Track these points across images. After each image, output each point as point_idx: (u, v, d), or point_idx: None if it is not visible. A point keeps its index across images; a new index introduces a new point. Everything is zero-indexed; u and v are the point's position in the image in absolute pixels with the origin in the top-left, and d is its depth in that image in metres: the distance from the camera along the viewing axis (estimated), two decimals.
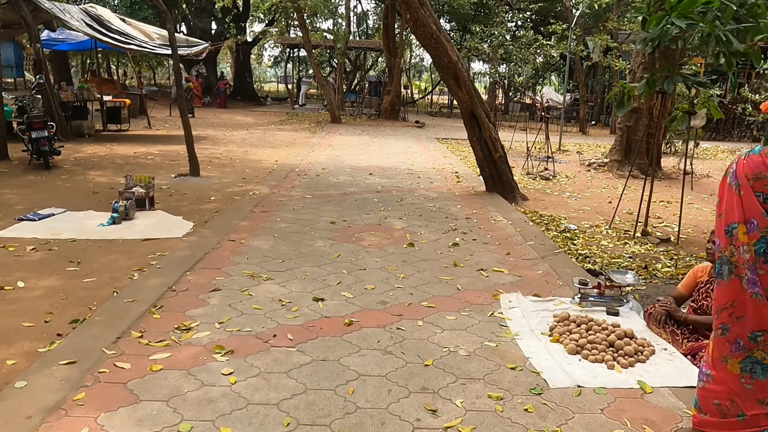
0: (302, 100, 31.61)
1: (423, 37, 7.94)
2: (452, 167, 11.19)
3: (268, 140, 14.96)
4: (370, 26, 43.59)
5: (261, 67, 62.96)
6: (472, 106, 8.20)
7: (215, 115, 23.14)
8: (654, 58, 11.09)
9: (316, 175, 9.55)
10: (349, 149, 13.51)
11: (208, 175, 9.15)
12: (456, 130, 20.98)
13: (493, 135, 8.24)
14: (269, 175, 9.42)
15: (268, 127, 19.17)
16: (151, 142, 13.28)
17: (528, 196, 8.71)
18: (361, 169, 10.42)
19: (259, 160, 11.10)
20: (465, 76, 8.09)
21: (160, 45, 14.54)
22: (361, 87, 29.84)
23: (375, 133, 18.21)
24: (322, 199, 7.62)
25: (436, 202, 7.73)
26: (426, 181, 9.37)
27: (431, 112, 32.81)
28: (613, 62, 20.88)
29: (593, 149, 16.33)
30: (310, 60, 21.63)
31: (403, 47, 24.22)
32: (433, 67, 51.04)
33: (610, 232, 6.76)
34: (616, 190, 9.87)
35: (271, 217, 6.44)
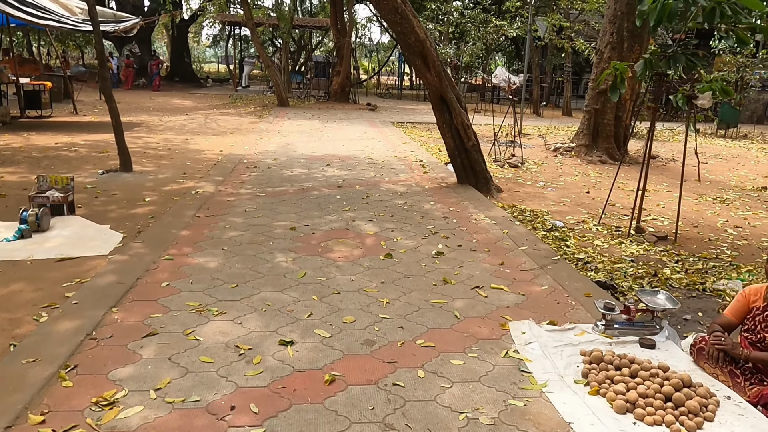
0: (245, 82, 30.00)
1: (386, 11, 7.04)
2: (415, 155, 10.39)
3: (210, 126, 13.70)
4: (314, 3, 41.98)
5: (200, 46, 60.02)
6: (442, 90, 7.39)
7: (150, 99, 21.43)
8: (622, 38, 10.60)
9: (268, 167, 8.54)
10: (300, 136, 12.48)
11: (143, 170, 7.98)
12: (410, 113, 20.19)
13: (465, 121, 7.47)
14: (214, 168, 8.34)
15: (209, 111, 17.78)
16: (76, 131, 11.83)
17: (501, 186, 8.03)
18: (317, 159, 9.47)
19: (201, 150, 9.94)
20: (434, 55, 7.26)
21: (84, 20, 12.97)
22: (308, 68, 28.50)
23: (326, 117, 17.17)
24: (277, 197, 6.66)
25: (406, 198, 6.91)
26: (390, 173, 8.54)
27: (381, 94, 31.87)
28: (565, 42, 20.52)
29: (553, 132, 15.90)
30: (253, 39, 20.24)
31: (352, 25, 23.11)
32: (383, 47, 49.93)
33: (600, 229, 6.14)
34: (588, 177, 9.35)
35: (219, 224, 5.45)
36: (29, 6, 12.41)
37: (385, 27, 45.12)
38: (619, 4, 10.52)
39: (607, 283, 4.37)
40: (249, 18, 18.85)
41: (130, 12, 28.06)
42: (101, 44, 7.48)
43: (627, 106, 10.97)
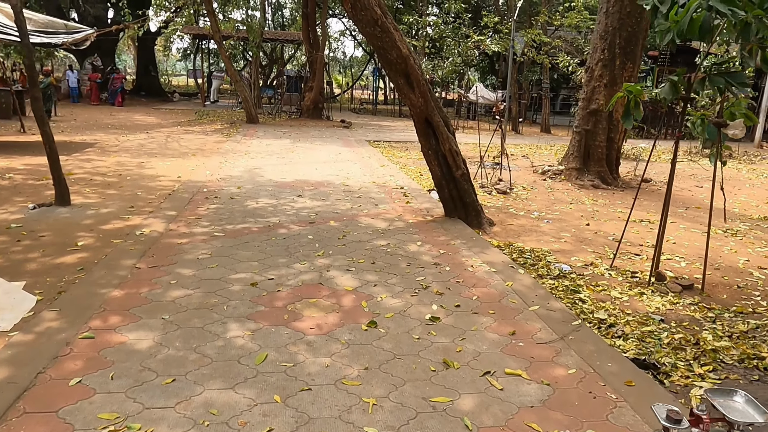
0: (214, 96, 28.90)
1: (365, 24, 6.17)
2: (394, 180, 9.51)
3: (171, 147, 12.62)
4: (286, 17, 41.13)
5: (170, 59, 58.44)
6: (428, 112, 6.53)
7: (111, 115, 20.19)
8: (614, 54, 9.94)
9: (230, 197, 7.55)
10: (269, 158, 11.50)
11: (83, 203, 6.91)
12: (386, 131, 19.38)
13: (453, 148, 6.62)
14: (168, 199, 7.31)
15: (173, 128, 16.66)
16: (18, 153, 10.64)
17: (492, 218, 7.20)
18: (287, 187, 8.51)
19: (156, 177, 8.89)
20: (418, 74, 6.41)
21: (35, 31, 11.83)
22: (279, 82, 27.55)
23: (298, 135, 16.22)
24: (239, 238, 5.68)
25: (388, 236, 5.99)
26: (369, 203, 7.62)
27: (355, 109, 31.07)
28: (544, 58, 20.02)
29: (536, 152, 15.23)
30: (221, 52, 19.23)
31: (325, 39, 22.28)
32: (357, 61, 49.29)
33: (614, 275, 5.32)
34: (584, 205, 8.59)
35: (163, 278, 4.45)
36: None
37: (359, 41, 44.55)
38: (611, 19, 9.88)
39: (647, 362, 3.52)
40: (216, 30, 17.86)
41: (91, 24, 26.75)
42: (31, 58, 6.42)
43: (620, 127, 10.30)
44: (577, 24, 19.65)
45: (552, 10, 20.93)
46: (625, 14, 9.73)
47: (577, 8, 19.71)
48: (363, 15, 6.12)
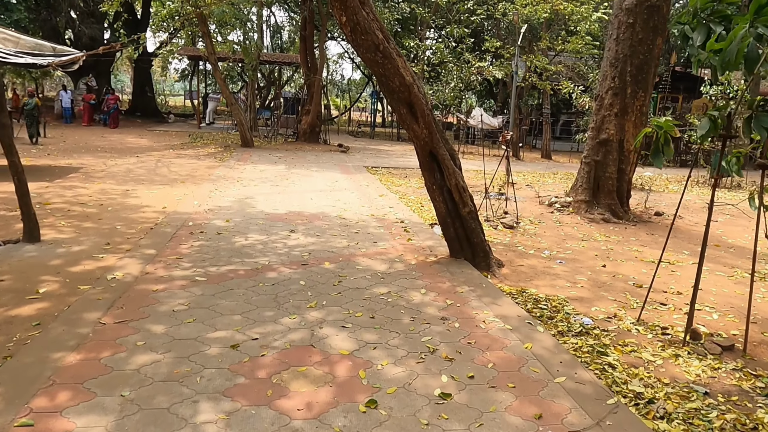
0: (210, 118, 28.50)
1: (365, 50, 5.68)
2: (394, 212, 8.96)
3: (160, 172, 12.08)
4: (284, 39, 41.01)
5: (168, 80, 58.25)
6: (432, 145, 6.01)
7: (102, 137, 19.69)
8: (625, 83, 9.50)
9: (217, 233, 6.97)
10: (263, 185, 10.96)
11: (55, 239, 6.33)
12: (384, 156, 18.91)
13: (460, 183, 6.09)
14: (149, 234, 6.74)
15: (164, 152, 16.15)
16: None
17: (500, 257, 6.64)
18: (280, 220, 7.95)
19: (140, 207, 8.32)
20: (423, 103, 5.90)
21: (16, 53, 11.37)
22: (276, 105, 27.19)
23: (294, 160, 15.72)
24: (222, 284, 5.09)
25: (388, 282, 5.42)
26: (367, 240, 7.05)
27: (353, 132, 30.72)
28: (546, 84, 19.70)
29: (540, 180, 14.75)
30: (215, 74, 18.82)
31: (323, 62, 21.94)
32: (355, 84, 49.21)
33: (642, 330, 4.75)
34: (596, 242, 8.04)
35: (129, 337, 3.86)
36: None
37: (357, 64, 44.43)
38: (621, 46, 9.46)
39: None
40: (211, 52, 17.47)
41: (86, 45, 26.43)
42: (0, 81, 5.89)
43: (631, 158, 9.82)
44: (579, 50, 19.37)
45: (554, 36, 20.68)
46: (637, 41, 9.31)
47: (579, 34, 19.46)
48: (363, 40, 5.63)
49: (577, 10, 18.74)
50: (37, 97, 15.51)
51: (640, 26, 9.25)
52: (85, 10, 27.23)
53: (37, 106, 15.09)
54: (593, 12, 19.08)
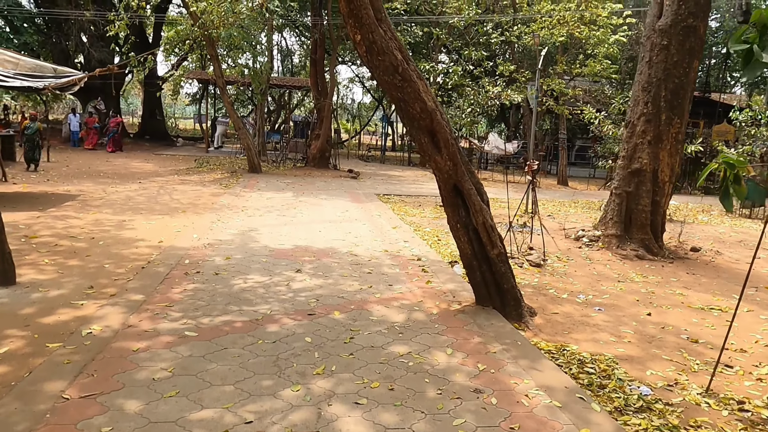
0: (218, 142, 28.08)
1: (382, 72, 5.04)
2: (409, 247, 8.24)
3: (161, 200, 11.47)
4: (295, 63, 40.87)
5: (180, 103, 58.29)
6: (457, 178, 5.32)
7: (107, 161, 19.23)
8: (659, 108, 8.81)
9: (215, 273, 6.27)
10: (268, 216, 10.30)
11: (33, 281, 5.65)
12: (395, 182, 18.27)
13: (488, 221, 5.37)
14: (139, 275, 6.05)
15: (168, 178, 15.60)
16: None
17: (530, 302, 5.89)
18: (285, 256, 7.26)
19: (134, 242, 7.66)
20: (447, 131, 5.23)
21: (16, 75, 10.92)
22: (286, 129, 26.77)
23: (302, 187, 15.09)
24: (215, 341, 4.38)
25: (408, 338, 4.67)
26: (381, 282, 6.32)
27: (363, 156, 30.18)
28: (563, 108, 19.06)
29: (561, 209, 13.99)
30: (223, 98, 18.38)
31: (334, 86, 21.49)
32: (365, 107, 49.02)
33: (713, 404, 3.97)
34: (635, 284, 7.27)
35: (95, 420, 3.14)
36: None
37: (367, 88, 44.15)
38: (654, 70, 8.79)
39: None
40: (219, 76, 17.02)
41: (95, 68, 26.24)
42: None
43: (666, 189, 9.08)
44: (597, 73, 18.77)
45: (570, 59, 20.11)
46: (671, 64, 8.65)
47: (597, 57, 18.88)
48: (380, 61, 4.99)
49: (594, 34, 18.19)
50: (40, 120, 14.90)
51: (675, 48, 8.59)
52: (95, 33, 27.09)
53: (38, 130, 14.44)
54: (611, 35, 18.53)
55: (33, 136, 14.26)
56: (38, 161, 14.67)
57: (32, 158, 14.39)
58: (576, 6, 18.15)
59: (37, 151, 14.55)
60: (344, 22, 5.08)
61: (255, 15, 17.24)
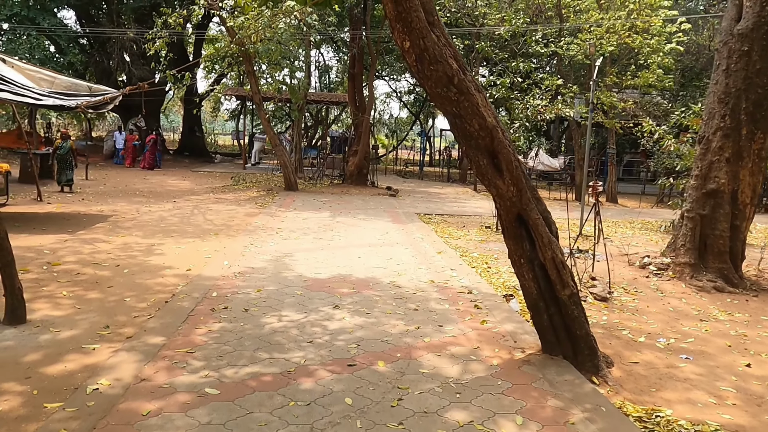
0: (255, 158, 27.90)
1: (434, 83, 4.34)
2: (457, 277, 7.47)
3: (194, 221, 11.02)
4: (332, 79, 40.72)
5: (219, 120, 58.99)
6: (521, 206, 4.56)
7: (144, 179, 19.10)
8: (739, 122, 7.84)
9: (244, 309, 5.64)
10: (304, 238, 9.69)
11: (45, 318, 5.13)
12: (435, 199, 17.50)
13: (557, 257, 4.59)
14: (161, 311, 5.47)
15: (203, 196, 15.24)
16: (16, 230, 9.14)
17: (602, 346, 5.05)
18: (322, 288, 6.59)
19: (161, 270, 7.13)
20: (510, 152, 4.49)
21: (51, 93, 10.71)
22: (323, 145, 26.40)
23: (340, 205, 14.50)
24: (238, 401, 3.71)
25: (467, 402, 3.91)
26: (430, 323, 5.57)
27: (400, 172, 29.52)
28: (614, 123, 18.02)
29: (615, 229, 12.97)
30: (260, 114, 18.05)
31: (372, 101, 20.97)
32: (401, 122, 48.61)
33: None
34: (719, 322, 6.32)
35: None
36: None
37: (404, 102, 43.67)
38: (733, 79, 7.85)
39: None
40: (255, 92, 16.69)
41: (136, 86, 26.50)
42: None
43: (747, 212, 8.07)
44: (651, 84, 17.67)
45: (621, 70, 19.06)
46: (754, 72, 7.69)
47: (651, 68, 17.79)
48: (432, 71, 4.30)
49: (648, 42, 17.14)
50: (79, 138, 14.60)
51: (758, 54, 7.64)
52: (136, 52, 27.39)
53: (71, 149, 14.03)
54: (666, 43, 17.44)
55: (66, 156, 13.87)
56: (72, 181, 14.26)
57: (65, 179, 14.00)
58: (627, 14, 17.19)
59: (70, 172, 14.13)
60: (391, 27, 4.41)
61: (293, 30, 16.91)
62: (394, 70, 32.78)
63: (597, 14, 17.80)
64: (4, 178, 11.76)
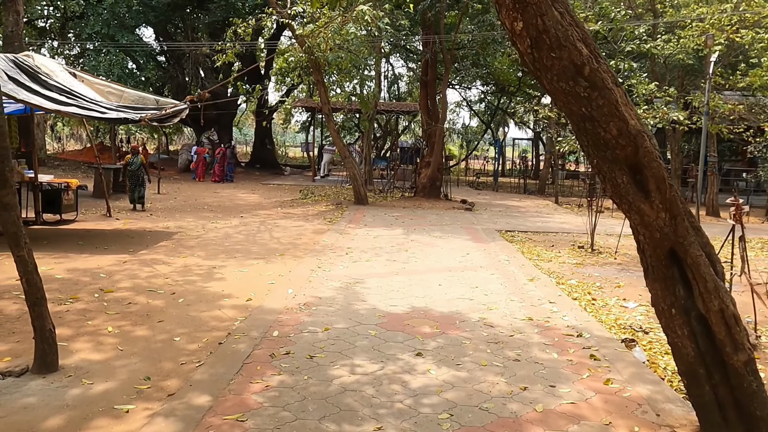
0: (325, 170, 27.46)
1: (556, 75, 3.25)
2: (559, 312, 6.25)
3: (260, 239, 10.34)
4: (401, 89, 39.96)
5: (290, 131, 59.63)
6: (677, 238, 3.37)
7: (215, 192, 18.91)
8: None
9: (309, 356, 4.70)
10: (376, 260, 8.74)
11: (81, 364, 4.39)
12: (515, 214, 16.15)
13: (728, 309, 3.34)
14: (213, 355, 4.64)
15: (271, 211, 14.68)
16: (77, 249, 8.76)
17: None
18: (399, 326, 5.58)
19: (219, 299, 6.37)
20: (659, 165, 3.32)
21: (118, 107, 10.39)
22: (393, 156, 25.57)
23: (413, 221, 13.50)
24: None
25: None
26: (538, 380, 4.42)
27: (473, 183, 28.18)
28: (721, 127, 16.04)
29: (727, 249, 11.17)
30: (329, 125, 17.39)
31: (446, 109, 19.92)
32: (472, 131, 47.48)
33: None
34: None
35: None
36: (52, 89, 10.00)
37: (474, 111, 42.25)
38: None
39: None
40: (325, 102, 16.04)
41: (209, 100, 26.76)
42: None
43: None
44: (765, 84, 15.59)
45: (726, 70, 17.04)
46: None
47: (764, 65, 15.71)
48: (555, 59, 3.22)
49: (763, 37, 15.11)
50: (142, 153, 14.15)
51: None
52: (210, 67, 27.73)
53: (142, 165, 13.49)
54: None
55: (136, 172, 13.37)
56: (143, 198, 13.58)
57: (136, 196, 13.41)
58: (734, 6, 15.25)
59: (141, 188, 13.48)
60: (497, 5, 3.37)
61: (362, 38, 16.16)
62: (467, 76, 31.52)
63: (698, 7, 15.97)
64: (74, 194, 11.57)
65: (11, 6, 15.67)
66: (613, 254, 10.17)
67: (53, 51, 29.82)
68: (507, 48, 21.47)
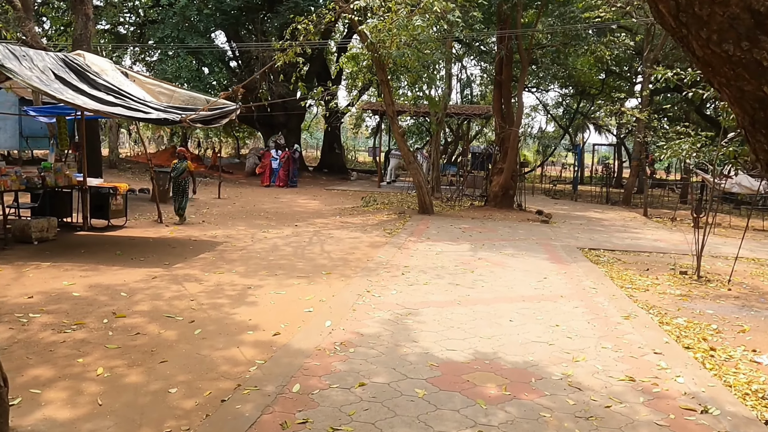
0: (391, 176, 26.43)
1: (717, 31, 1.93)
2: (668, 369, 4.76)
3: (309, 254, 9.33)
4: (474, 92, 38.32)
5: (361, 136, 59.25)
6: None
7: (275, 197, 18.27)
8: None
9: (331, 428, 3.54)
10: (436, 283, 7.48)
11: (35, 428, 3.44)
12: (598, 227, 14.36)
13: None
14: (210, 419, 3.57)
15: (329, 219, 13.73)
16: (114, 258, 8.08)
17: None
18: (456, 383, 4.31)
19: (241, 332, 5.34)
20: None
21: (167, 107, 9.76)
22: (463, 162, 24.14)
23: (482, 234, 12.12)
24: None
25: None
26: None
27: (549, 192, 26.24)
28: None
29: None
30: (393, 128, 16.30)
31: (521, 112, 18.33)
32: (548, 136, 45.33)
33: None
34: None
35: None
36: (99, 88, 9.51)
37: (552, 116, 39.91)
38: None
39: None
40: (389, 103, 14.94)
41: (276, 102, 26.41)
42: None
43: None
44: None
45: None
46: None
47: None
48: (715, 5, 1.88)
49: None
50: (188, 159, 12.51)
51: None
52: (277, 70, 27.42)
53: (186, 171, 11.81)
54: None
55: (179, 179, 11.79)
56: (183, 210, 11.86)
57: (177, 206, 11.85)
58: None
59: (182, 199, 11.82)
60: None
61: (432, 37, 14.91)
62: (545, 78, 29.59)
63: None
64: (123, 199, 11.07)
65: (81, 9, 15.64)
66: (726, 283, 8.39)
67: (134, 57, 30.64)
68: (591, 44, 19.61)
